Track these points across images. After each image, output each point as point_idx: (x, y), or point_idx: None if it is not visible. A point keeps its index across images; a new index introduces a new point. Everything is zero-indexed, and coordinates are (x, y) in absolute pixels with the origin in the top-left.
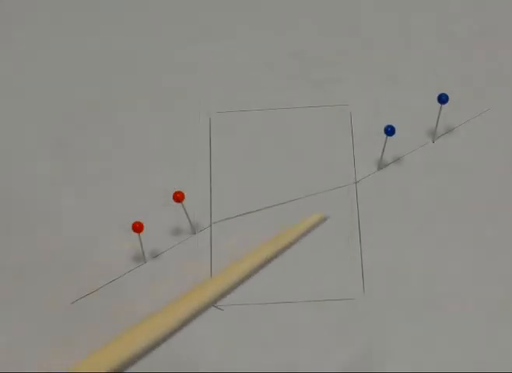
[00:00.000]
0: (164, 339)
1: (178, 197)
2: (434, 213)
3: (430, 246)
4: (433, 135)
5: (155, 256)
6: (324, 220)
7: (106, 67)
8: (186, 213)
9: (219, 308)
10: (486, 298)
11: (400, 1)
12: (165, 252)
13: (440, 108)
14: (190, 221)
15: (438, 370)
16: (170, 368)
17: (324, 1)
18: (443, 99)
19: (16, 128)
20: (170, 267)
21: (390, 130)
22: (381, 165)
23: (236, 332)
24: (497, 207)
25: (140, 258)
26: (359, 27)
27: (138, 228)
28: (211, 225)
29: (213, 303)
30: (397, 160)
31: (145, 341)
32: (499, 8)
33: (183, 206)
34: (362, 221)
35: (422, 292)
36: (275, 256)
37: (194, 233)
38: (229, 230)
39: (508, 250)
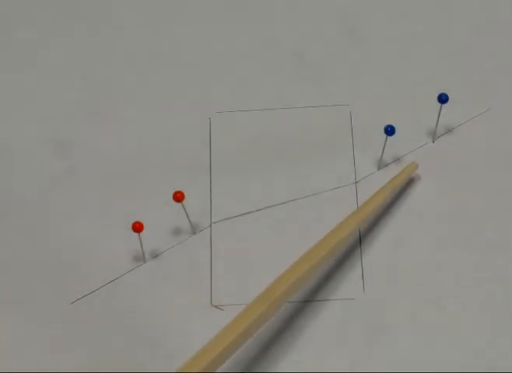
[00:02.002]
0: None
1: (178, 197)
2: (434, 213)
3: (430, 246)
4: (433, 135)
5: (155, 256)
6: (416, 167)
7: (107, 67)
8: (186, 213)
9: (219, 308)
10: (486, 298)
11: (400, 1)
12: (165, 252)
13: (440, 108)
14: (190, 221)
15: (438, 370)
16: (170, 368)
17: (323, 1)
18: (443, 99)
19: (16, 128)
20: (170, 267)
21: (390, 130)
22: (381, 165)
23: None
24: (497, 207)
25: (140, 258)
26: (359, 27)
27: (138, 228)
28: (211, 225)
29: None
30: (397, 160)
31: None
32: (498, 7)
33: (183, 206)
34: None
35: (422, 292)
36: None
37: (194, 233)
38: (229, 230)
39: (508, 250)
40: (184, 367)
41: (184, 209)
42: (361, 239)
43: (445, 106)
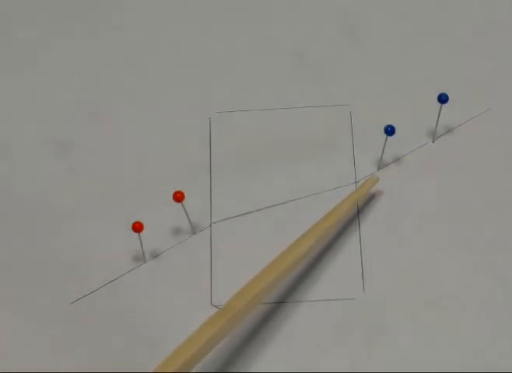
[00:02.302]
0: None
1: (178, 197)
2: (434, 213)
3: (430, 246)
4: (433, 135)
5: (155, 256)
6: (377, 180)
7: (107, 68)
8: (186, 213)
9: (219, 308)
10: (487, 298)
11: (400, 1)
12: (165, 252)
13: (440, 108)
14: (190, 221)
15: (438, 370)
16: None
17: (323, 1)
18: (443, 99)
19: (16, 128)
20: (170, 267)
21: (390, 130)
22: (381, 165)
23: (236, 331)
24: (497, 207)
25: (140, 258)
26: (359, 27)
27: (138, 228)
28: (211, 225)
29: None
30: (397, 160)
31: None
32: (498, 7)
33: (183, 206)
34: (362, 221)
35: (422, 292)
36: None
37: (194, 233)
38: (229, 230)
39: (508, 250)
40: (159, 367)
41: (184, 209)
42: (361, 239)
43: (445, 106)
